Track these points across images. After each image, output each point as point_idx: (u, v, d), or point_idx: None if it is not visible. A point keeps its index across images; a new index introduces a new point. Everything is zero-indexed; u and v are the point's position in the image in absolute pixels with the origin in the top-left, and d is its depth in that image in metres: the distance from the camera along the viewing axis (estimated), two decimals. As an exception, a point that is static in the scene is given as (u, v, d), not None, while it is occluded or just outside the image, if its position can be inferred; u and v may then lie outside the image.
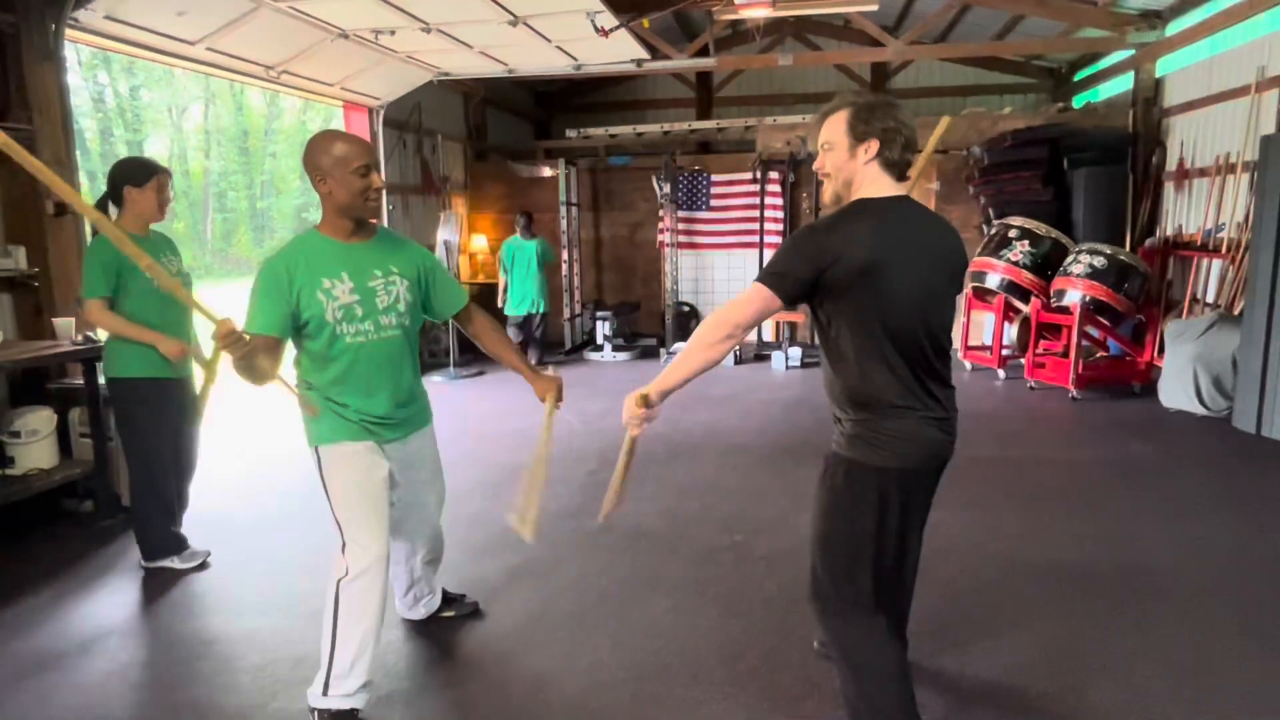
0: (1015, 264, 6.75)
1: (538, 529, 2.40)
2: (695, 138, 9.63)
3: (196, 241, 24.48)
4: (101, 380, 3.31)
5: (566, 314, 8.79)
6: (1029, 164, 7.56)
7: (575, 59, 6.30)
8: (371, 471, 2.27)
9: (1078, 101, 9.49)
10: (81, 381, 3.76)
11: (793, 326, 8.75)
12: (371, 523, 2.23)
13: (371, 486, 2.26)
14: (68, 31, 3.93)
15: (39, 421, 3.69)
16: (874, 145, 1.81)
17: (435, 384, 7.14)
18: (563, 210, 8.52)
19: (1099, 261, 6.21)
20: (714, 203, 8.83)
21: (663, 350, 8.17)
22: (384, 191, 2.30)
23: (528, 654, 2.66)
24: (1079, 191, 7.41)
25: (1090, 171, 7.36)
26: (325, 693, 2.19)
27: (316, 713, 2.22)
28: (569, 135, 9.22)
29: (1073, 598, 2.98)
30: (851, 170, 1.85)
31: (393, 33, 5.24)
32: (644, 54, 6.23)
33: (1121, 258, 6.25)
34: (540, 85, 10.63)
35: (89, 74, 22.56)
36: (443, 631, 2.79)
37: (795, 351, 7.79)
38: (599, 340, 8.40)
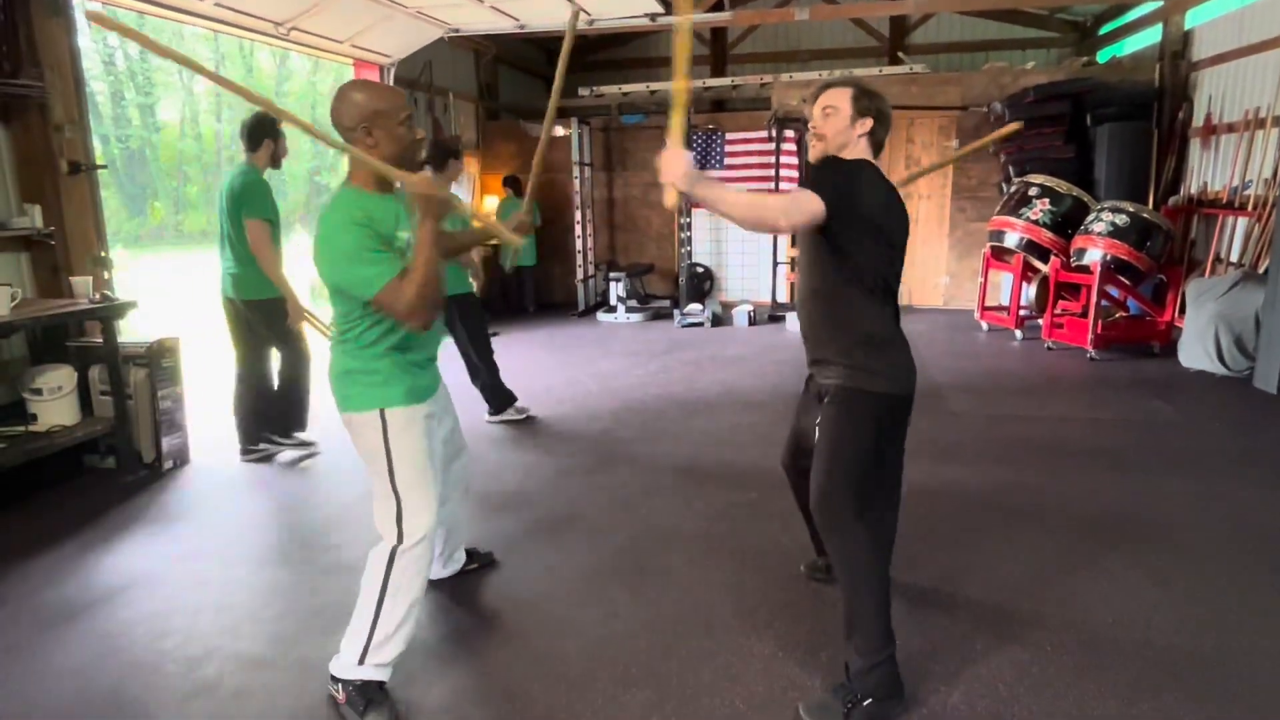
0: (1035, 223, 6.65)
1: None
2: (709, 96, 9.48)
3: (210, 206, 24.47)
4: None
5: (580, 275, 8.76)
6: (1051, 120, 7.42)
7: (587, 13, 6.18)
8: (432, 438, 2.27)
9: (1103, 56, 9.25)
10: (100, 340, 3.78)
11: (807, 288, 8.66)
12: (430, 491, 2.18)
13: (431, 454, 2.23)
14: (76, -12, 3.89)
15: (60, 379, 3.72)
16: (869, 123, 2.11)
17: (447, 345, 7.14)
18: (575, 170, 8.44)
19: (1121, 219, 6.10)
20: (728, 161, 8.72)
21: (676, 312, 8.13)
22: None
23: (545, 605, 2.69)
24: (1102, 148, 7.26)
25: (1114, 128, 7.20)
26: (361, 662, 2.11)
27: (342, 685, 2.13)
28: (581, 94, 9.09)
29: (1091, 551, 2.98)
30: (848, 138, 2.13)
31: (402, -14, 5.16)
32: (657, 7, 6.09)
33: (1144, 215, 6.14)
34: (552, 43, 10.46)
35: (99, 36, 22.40)
36: (461, 584, 2.82)
37: (810, 312, 7.72)
38: (612, 302, 8.38)
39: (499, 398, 4.77)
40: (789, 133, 8.46)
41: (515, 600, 2.73)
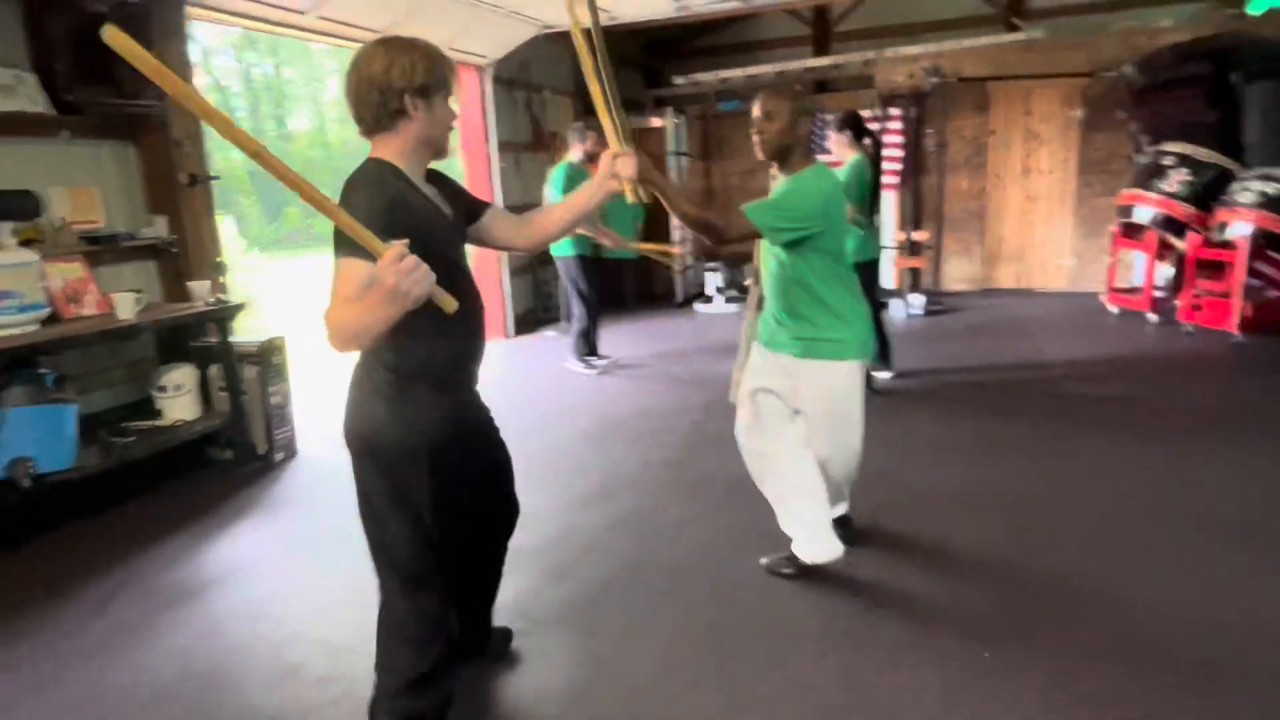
0: (1171, 195, 6.08)
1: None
2: (811, 77, 9.17)
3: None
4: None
5: (678, 267, 8.70)
6: (1190, 82, 6.72)
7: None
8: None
9: (1255, 7, 8.32)
10: (217, 340, 4.04)
11: (915, 272, 8.28)
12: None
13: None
14: (189, 10, 4.15)
15: (183, 377, 4.01)
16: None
17: (547, 338, 7.27)
18: (671, 161, 8.38)
19: (1273, 188, 5.49)
20: (830, 145, 8.41)
21: (777, 301, 7.93)
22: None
23: (620, 603, 2.67)
24: (1252, 110, 6.50)
25: (1267, 86, 6.43)
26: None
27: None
28: (677, 82, 9.01)
29: (1224, 550, 2.69)
30: None
31: (493, -13, 5.23)
32: (750, -12, 5.94)
33: (1301, 183, 5.48)
34: (649, 33, 10.39)
35: (242, 56, 24.13)
36: (537, 578, 2.84)
37: (918, 299, 7.37)
38: (709, 292, 8.28)
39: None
40: (894, 110, 8.10)
41: (589, 597, 2.72)
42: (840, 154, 4.86)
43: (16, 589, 2.94)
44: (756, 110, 2.49)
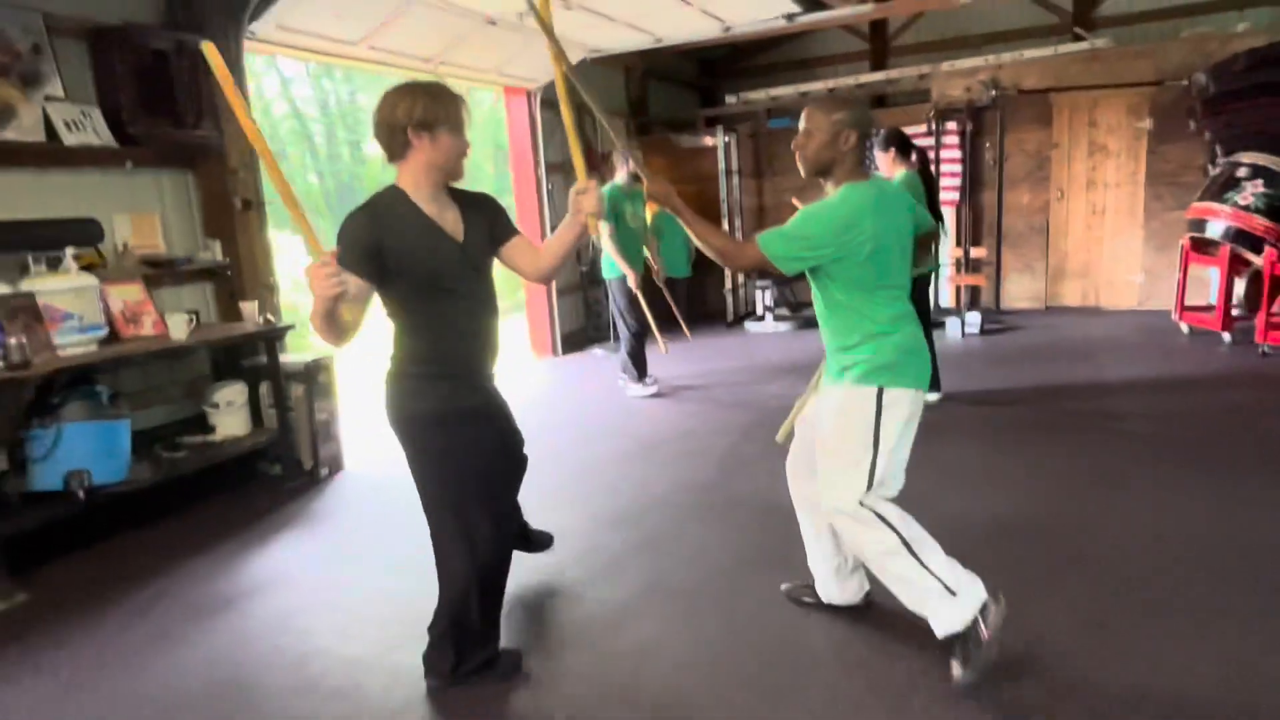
0: (1245, 209, 5.76)
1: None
2: (865, 92, 9.05)
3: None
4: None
5: (729, 284, 8.67)
6: (1267, 89, 6.37)
7: (721, 20, 6.11)
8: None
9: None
10: (265, 359, 4.20)
11: (974, 290, 8.04)
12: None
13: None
14: (246, 43, 4.36)
15: (234, 394, 4.18)
16: None
17: (595, 357, 7.32)
18: (722, 179, 8.37)
19: (1357, 200, 5.14)
20: (877, 164, 8.27)
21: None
22: None
23: (635, 627, 2.64)
24: (1336, 117, 6.15)
25: (1353, 92, 6.08)
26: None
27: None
28: (729, 101, 9.01)
29: None
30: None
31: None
32: (794, 7, 5.90)
33: (1390, 193, 5.13)
34: (703, 53, 10.44)
35: (316, 82, 25.28)
36: (557, 599, 2.85)
37: (974, 317, 7.15)
38: (759, 310, 8.21)
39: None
40: (950, 124, 7.92)
41: (604, 619, 2.71)
42: (888, 172, 4.76)
43: (65, 595, 3.09)
44: (800, 126, 2.37)
